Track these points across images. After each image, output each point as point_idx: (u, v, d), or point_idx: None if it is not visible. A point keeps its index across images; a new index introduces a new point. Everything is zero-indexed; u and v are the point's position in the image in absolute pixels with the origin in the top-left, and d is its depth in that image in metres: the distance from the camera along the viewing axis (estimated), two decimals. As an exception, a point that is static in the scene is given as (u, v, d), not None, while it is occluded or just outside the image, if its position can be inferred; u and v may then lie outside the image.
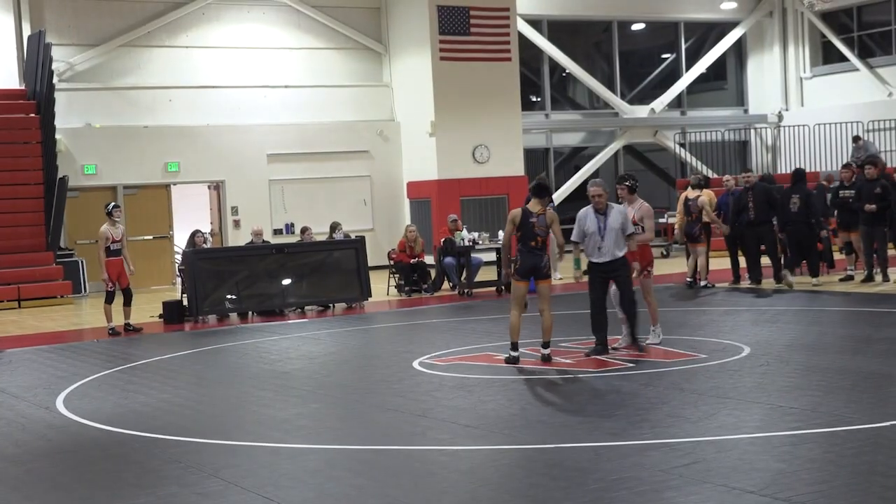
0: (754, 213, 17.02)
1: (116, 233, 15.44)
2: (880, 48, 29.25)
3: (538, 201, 10.89)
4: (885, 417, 7.69)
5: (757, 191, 17.14)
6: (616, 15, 29.62)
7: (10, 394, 10.78)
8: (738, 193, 17.42)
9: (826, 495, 5.94)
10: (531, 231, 10.78)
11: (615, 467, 6.74)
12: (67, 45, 23.37)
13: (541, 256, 10.80)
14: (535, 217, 10.80)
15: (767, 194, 17.14)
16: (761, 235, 17.17)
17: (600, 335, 11.16)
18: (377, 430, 8.32)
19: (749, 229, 17.16)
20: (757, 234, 17.15)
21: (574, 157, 30.49)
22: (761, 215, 17.00)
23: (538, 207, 10.86)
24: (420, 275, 19.59)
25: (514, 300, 11.01)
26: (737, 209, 17.27)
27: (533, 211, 10.84)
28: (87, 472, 7.49)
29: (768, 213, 17.04)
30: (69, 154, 22.91)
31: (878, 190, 16.71)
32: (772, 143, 31.03)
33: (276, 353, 12.89)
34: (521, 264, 10.86)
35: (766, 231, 17.12)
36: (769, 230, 17.13)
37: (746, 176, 17.51)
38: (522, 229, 10.83)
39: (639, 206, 11.59)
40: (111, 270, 15.34)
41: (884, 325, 12.81)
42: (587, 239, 11.08)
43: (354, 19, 26.14)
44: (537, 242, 10.80)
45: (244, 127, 24.60)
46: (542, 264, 10.80)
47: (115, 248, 15.40)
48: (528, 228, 10.79)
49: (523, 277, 10.89)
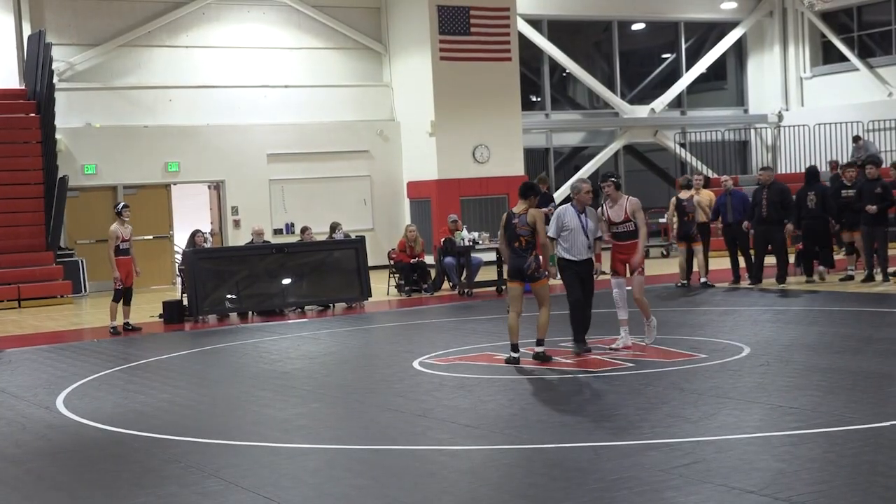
0: (767, 211, 16.95)
1: (125, 232, 15.57)
2: (880, 48, 29.24)
3: (523, 201, 10.91)
4: (885, 417, 7.69)
5: (773, 190, 17.07)
6: (616, 15, 29.61)
7: (10, 394, 10.78)
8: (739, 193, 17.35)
9: (826, 495, 5.94)
10: (514, 232, 10.82)
11: (615, 467, 6.74)
12: (67, 45, 23.37)
13: (524, 258, 10.75)
14: (517, 217, 10.81)
15: (783, 195, 17.06)
16: (770, 235, 17.12)
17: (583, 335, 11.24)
18: (377, 430, 8.32)
19: (759, 227, 17.08)
20: (766, 232, 17.09)
21: (574, 157, 30.48)
22: (774, 214, 16.97)
23: (522, 207, 10.86)
24: (420, 275, 19.60)
25: (510, 301, 11.03)
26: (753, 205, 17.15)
27: (516, 212, 10.87)
28: (87, 471, 7.49)
29: (781, 213, 16.98)
30: (69, 154, 22.92)
31: (879, 190, 16.71)
32: (772, 142, 31.02)
33: (276, 353, 12.89)
34: (508, 266, 10.98)
35: (775, 231, 17.06)
36: (779, 230, 17.06)
37: (762, 174, 17.37)
38: (507, 231, 10.89)
39: (626, 200, 11.51)
40: (121, 269, 15.42)
41: (884, 325, 12.81)
42: (569, 235, 11.10)
43: (354, 19, 26.14)
44: (521, 243, 10.77)
45: (244, 127, 24.60)
46: (526, 266, 10.74)
47: (124, 248, 15.53)
48: (511, 230, 10.83)
49: (513, 279, 10.93)
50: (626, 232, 11.49)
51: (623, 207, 11.46)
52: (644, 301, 11.64)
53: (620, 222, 11.48)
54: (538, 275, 10.82)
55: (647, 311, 11.67)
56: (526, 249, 10.76)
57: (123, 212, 15.62)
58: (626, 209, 11.42)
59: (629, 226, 11.42)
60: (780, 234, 17.11)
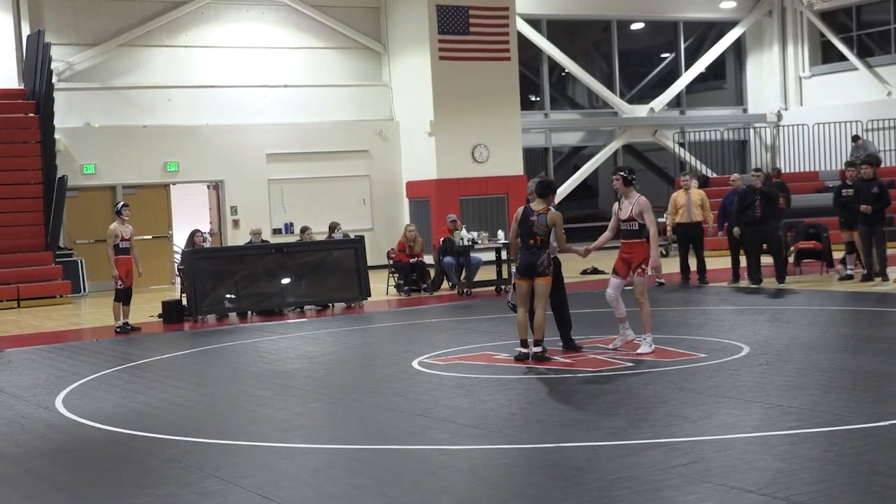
0: (761, 211, 16.96)
1: (125, 231, 15.60)
2: (879, 47, 29.26)
3: (541, 200, 10.88)
4: (884, 417, 7.69)
5: (765, 190, 17.08)
6: (615, 14, 29.62)
7: (9, 394, 10.77)
8: (742, 191, 17.37)
9: (825, 495, 5.94)
10: (530, 230, 10.81)
11: (614, 467, 6.74)
12: (67, 45, 23.38)
13: (538, 255, 10.78)
14: (536, 216, 10.82)
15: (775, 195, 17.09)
16: (765, 234, 17.12)
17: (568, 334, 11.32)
18: (377, 430, 8.31)
19: (753, 227, 17.09)
20: (760, 232, 17.10)
21: (573, 157, 30.51)
22: (770, 216, 16.94)
23: (541, 206, 10.86)
24: (419, 274, 19.60)
25: (518, 299, 11.02)
26: (741, 206, 17.21)
27: (535, 210, 10.86)
28: (86, 471, 7.48)
29: (777, 216, 16.98)
30: (68, 154, 22.92)
31: (876, 189, 16.71)
32: (771, 142, 31.04)
33: (275, 353, 12.89)
34: (518, 263, 10.95)
35: (770, 230, 17.07)
36: (773, 229, 17.07)
37: (756, 175, 17.40)
38: (522, 227, 10.87)
39: (636, 199, 11.17)
40: (121, 268, 15.42)
41: (883, 324, 12.82)
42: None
43: (354, 19, 26.15)
44: (536, 241, 10.79)
45: (243, 126, 24.60)
46: (539, 262, 10.77)
47: (124, 247, 15.56)
48: (528, 227, 10.82)
49: (522, 276, 10.90)
50: (628, 230, 11.21)
51: (631, 206, 11.16)
52: (646, 306, 11.21)
53: (625, 220, 11.23)
54: (547, 272, 10.83)
55: (647, 322, 11.16)
56: (540, 247, 10.80)
57: (123, 211, 15.64)
58: (633, 209, 11.13)
59: (632, 224, 11.14)
60: (776, 234, 17.13)
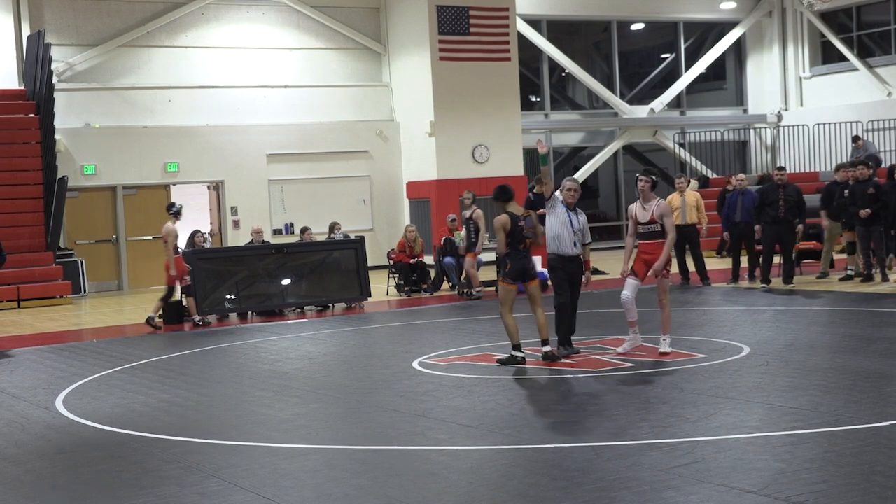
0: (784, 210, 16.92)
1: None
2: (879, 48, 29.25)
3: (511, 203, 11.06)
4: (884, 417, 7.70)
5: (790, 190, 17.03)
6: (615, 15, 29.62)
7: (9, 394, 10.78)
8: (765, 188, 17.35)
9: (826, 495, 5.94)
10: (520, 234, 10.97)
11: (614, 467, 6.74)
12: (67, 45, 23.37)
13: (529, 258, 11.08)
14: (523, 220, 11.00)
15: (799, 195, 17.06)
16: (782, 234, 17.07)
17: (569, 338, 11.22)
18: (377, 430, 8.31)
19: (773, 226, 17.01)
20: (778, 232, 17.02)
21: (573, 157, 30.50)
22: (790, 214, 16.92)
23: (519, 210, 11.12)
24: (420, 275, 19.60)
25: (504, 304, 11.04)
26: (762, 204, 17.14)
27: (518, 214, 11.04)
28: (86, 472, 7.48)
29: (796, 214, 16.97)
30: (68, 154, 22.91)
31: (871, 190, 16.70)
32: (771, 142, 31.04)
33: (275, 353, 12.89)
34: (511, 267, 10.99)
35: (787, 230, 17.03)
36: (790, 230, 17.04)
37: (780, 173, 17.32)
38: (512, 234, 10.97)
39: (656, 203, 11.07)
40: (181, 267, 15.94)
41: (884, 324, 12.81)
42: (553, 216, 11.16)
43: (354, 19, 26.15)
44: (525, 245, 11.02)
45: (244, 127, 24.60)
46: (531, 265, 11.07)
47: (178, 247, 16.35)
48: (519, 232, 10.96)
49: (515, 280, 10.98)
50: (651, 232, 11.09)
51: (651, 210, 11.05)
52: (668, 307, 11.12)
53: (646, 223, 11.12)
54: (535, 274, 11.09)
55: (667, 324, 11.10)
56: (528, 250, 11.06)
57: (180, 213, 16.29)
58: (654, 212, 11.03)
59: (654, 227, 11.06)
60: (792, 235, 17.10)
